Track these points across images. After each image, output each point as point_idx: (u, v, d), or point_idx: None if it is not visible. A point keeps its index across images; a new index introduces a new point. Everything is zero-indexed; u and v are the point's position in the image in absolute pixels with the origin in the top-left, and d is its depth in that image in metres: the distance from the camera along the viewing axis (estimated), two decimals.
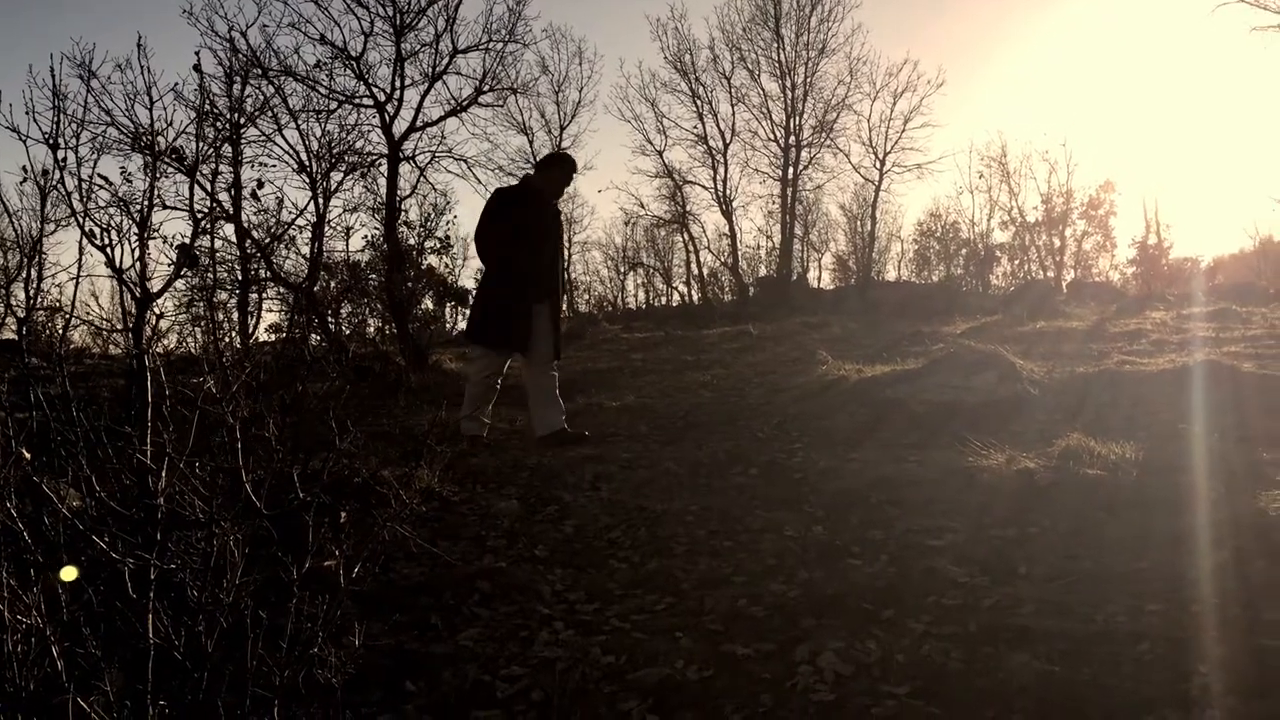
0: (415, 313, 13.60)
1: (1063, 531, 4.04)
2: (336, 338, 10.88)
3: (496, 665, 3.18)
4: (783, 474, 5.54)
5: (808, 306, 26.74)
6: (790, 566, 3.97)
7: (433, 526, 4.61)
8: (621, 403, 8.83)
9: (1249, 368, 7.15)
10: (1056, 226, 29.65)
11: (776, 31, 31.37)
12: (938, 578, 3.69)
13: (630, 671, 3.10)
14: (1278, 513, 3.78)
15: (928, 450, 5.66)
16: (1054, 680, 2.75)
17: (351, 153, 13.72)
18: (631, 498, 5.11)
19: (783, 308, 25.94)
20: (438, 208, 14.60)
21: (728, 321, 21.45)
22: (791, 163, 32.00)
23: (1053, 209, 29.34)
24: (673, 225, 33.86)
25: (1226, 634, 2.99)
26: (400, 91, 15.14)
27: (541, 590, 3.86)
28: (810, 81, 31.57)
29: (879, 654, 3.08)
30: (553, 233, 7.09)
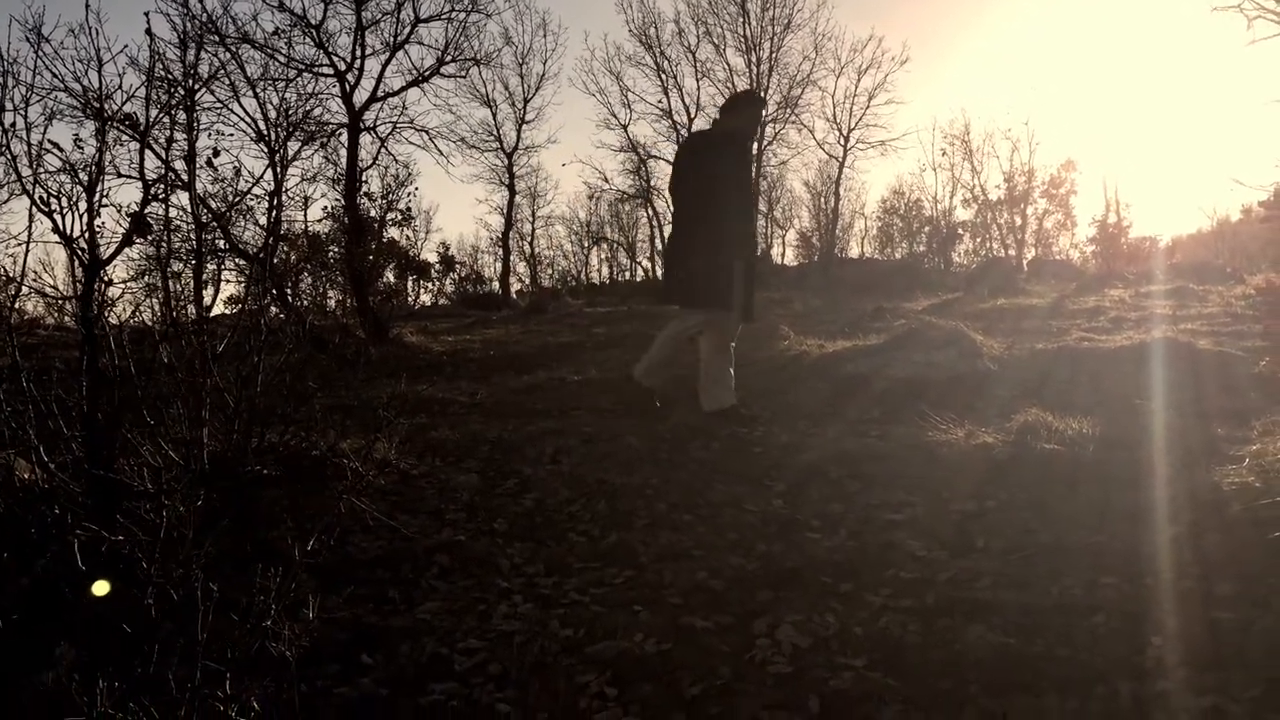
0: (377, 285, 13.48)
1: (1020, 506, 4.07)
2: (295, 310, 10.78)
3: (454, 638, 3.16)
4: (743, 449, 5.54)
5: (771, 283, 26.80)
6: (750, 540, 3.98)
7: (391, 500, 4.57)
8: (583, 377, 8.81)
9: (1205, 345, 7.24)
10: (1018, 205, 29.90)
11: (742, 6, 31.31)
12: (896, 551, 3.71)
13: (589, 644, 3.09)
14: (1232, 487, 3.82)
15: (889, 425, 5.68)
16: (1009, 652, 2.78)
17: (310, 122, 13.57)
18: (592, 472, 5.10)
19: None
20: (399, 179, 14.46)
21: None
22: (757, 138, 31.96)
23: (1014, 187, 29.58)
24: (637, 200, 33.80)
25: (1180, 607, 3.03)
26: (361, 61, 14.99)
27: (500, 564, 3.84)
28: (775, 57, 31.58)
29: (837, 627, 3.09)
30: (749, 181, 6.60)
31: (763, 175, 32.91)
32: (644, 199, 33.32)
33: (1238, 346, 7.12)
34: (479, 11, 17.55)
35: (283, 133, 12.59)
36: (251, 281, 9.61)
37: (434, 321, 17.27)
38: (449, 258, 31.39)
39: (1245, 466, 3.97)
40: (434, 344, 12.23)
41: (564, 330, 14.33)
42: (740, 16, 31.37)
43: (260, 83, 13.59)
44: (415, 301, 24.42)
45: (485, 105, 30.72)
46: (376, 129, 15.18)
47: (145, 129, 3.49)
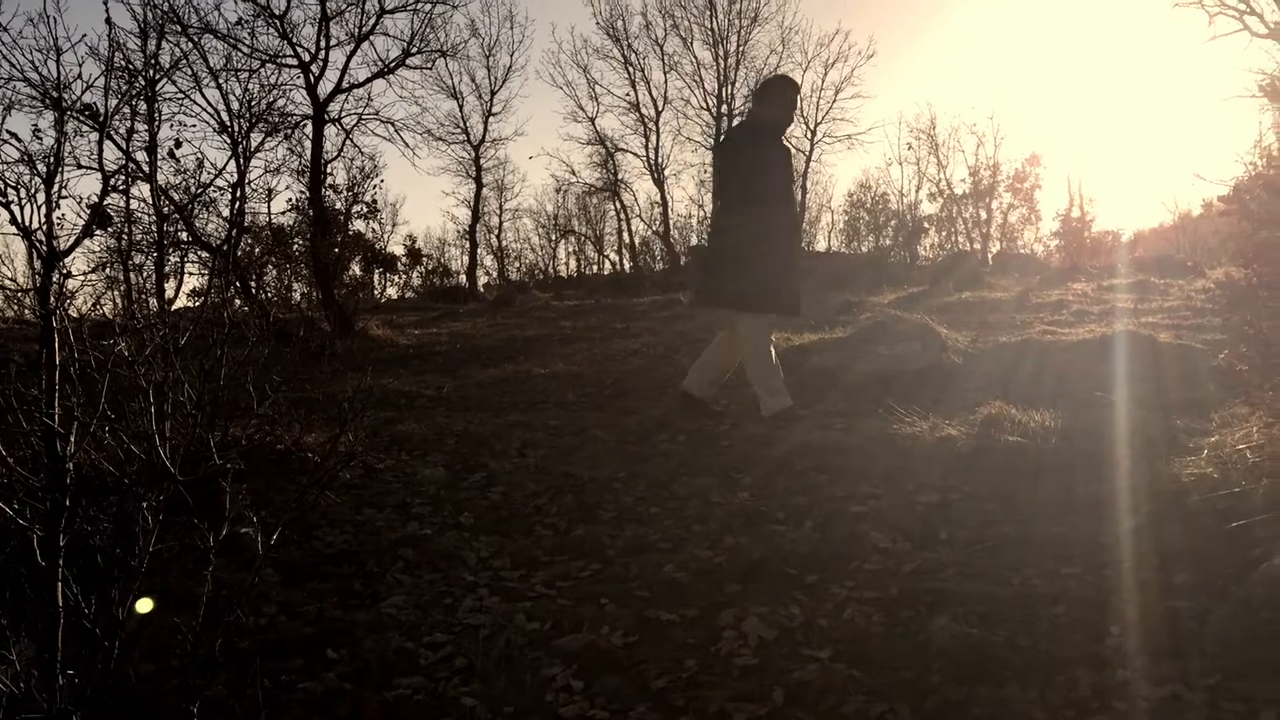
0: (342, 278, 13.40)
1: (984, 497, 4.11)
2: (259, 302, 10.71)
3: (420, 632, 3.16)
4: (710, 441, 5.55)
5: None
6: (716, 533, 3.99)
7: (357, 494, 4.55)
8: (550, 370, 8.80)
9: (1166, 338, 7.32)
10: (983, 199, 30.07)
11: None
12: (861, 543, 3.73)
13: (555, 637, 3.10)
14: (1191, 478, 3.87)
15: (854, 418, 5.71)
16: (971, 642, 2.80)
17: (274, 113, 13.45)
18: (559, 465, 5.10)
19: None
20: (365, 171, 14.35)
21: (659, 290, 21.45)
22: (724, 131, 31.98)
23: (980, 181, 29.74)
24: (604, 193, 33.74)
25: (1139, 596, 3.07)
26: (325, 52, 14.86)
27: (466, 557, 3.83)
28: (743, 50, 31.55)
29: (802, 618, 3.11)
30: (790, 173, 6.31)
31: None
32: (612, 192, 33.28)
33: (1198, 339, 7.20)
34: (445, 3, 17.47)
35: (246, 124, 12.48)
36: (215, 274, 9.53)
37: (400, 314, 17.18)
38: (415, 250, 31.17)
39: (1204, 458, 4.02)
40: (400, 337, 12.17)
41: (531, 324, 14.29)
42: (707, 10, 31.34)
43: (223, 73, 13.46)
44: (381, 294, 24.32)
45: (452, 97, 30.56)
46: (341, 121, 15.07)
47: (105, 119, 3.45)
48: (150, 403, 2.45)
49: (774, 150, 6.06)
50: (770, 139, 6.06)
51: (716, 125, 31.74)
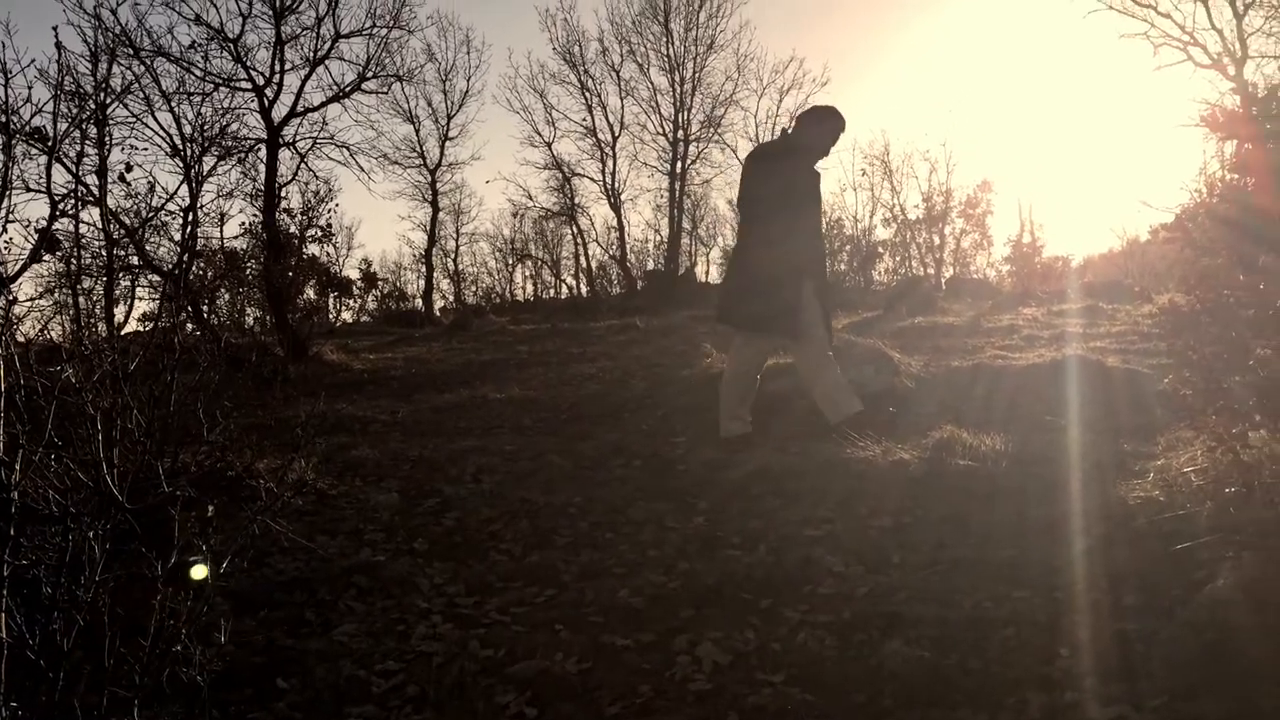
0: (297, 302, 13.29)
1: (935, 521, 4.14)
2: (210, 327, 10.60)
3: (372, 660, 3.14)
4: (666, 466, 5.56)
5: (695, 300, 26.88)
6: (671, 558, 3.99)
7: (309, 520, 4.51)
8: (506, 395, 8.77)
9: (1114, 362, 7.42)
10: (936, 224, 30.44)
11: (665, 26, 31.47)
12: (815, 567, 3.75)
13: (509, 664, 3.09)
14: (1138, 502, 3.93)
15: (808, 442, 5.73)
16: (923, 665, 2.82)
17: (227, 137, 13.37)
18: (514, 490, 5.08)
19: (671, 301, 26.06)
20: (320, 195, 14.26)
21: (615, 314, 21.47)
22: (680, 157, 32.15)
23: (933, 207, 30.11)
24: (561, 217, 33.77)
25: (1089, 618, 3.10)
26: (280, 75, 14.82)
27: (420, 584, 3.81)
28: (698, 76, 31.76)
29: (756, 643, 3.12)
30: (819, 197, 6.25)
31: (687, 194, 33.13)
32: (569, 216, 33.32)
33: (1145, 364, 7.32)
34: (401, 28, 17.53)
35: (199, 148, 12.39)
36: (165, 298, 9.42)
37: (355, 339, 17.06)
38: (371, 274, 30.99)
39: (1150, 481, 4.09)
40: (355, 361, 12.09)
41: (487, 348, 14.25)
42: (664, 36, 31.56)
43: (176, 97, 13.37)
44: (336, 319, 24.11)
45: (408, 121, 30.50)
46: (296, 144, 15.01)
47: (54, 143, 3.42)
48: (98, 430, 2.42)
49: (804, 173, 6.04)
50: (803, 161, 6.04)
51: (673, 151, 31.93)
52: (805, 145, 6.06)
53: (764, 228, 5.99)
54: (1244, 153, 3.64)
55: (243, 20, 14.71)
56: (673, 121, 31.93)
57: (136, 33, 13.62)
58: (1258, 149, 3.56)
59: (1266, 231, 3.40)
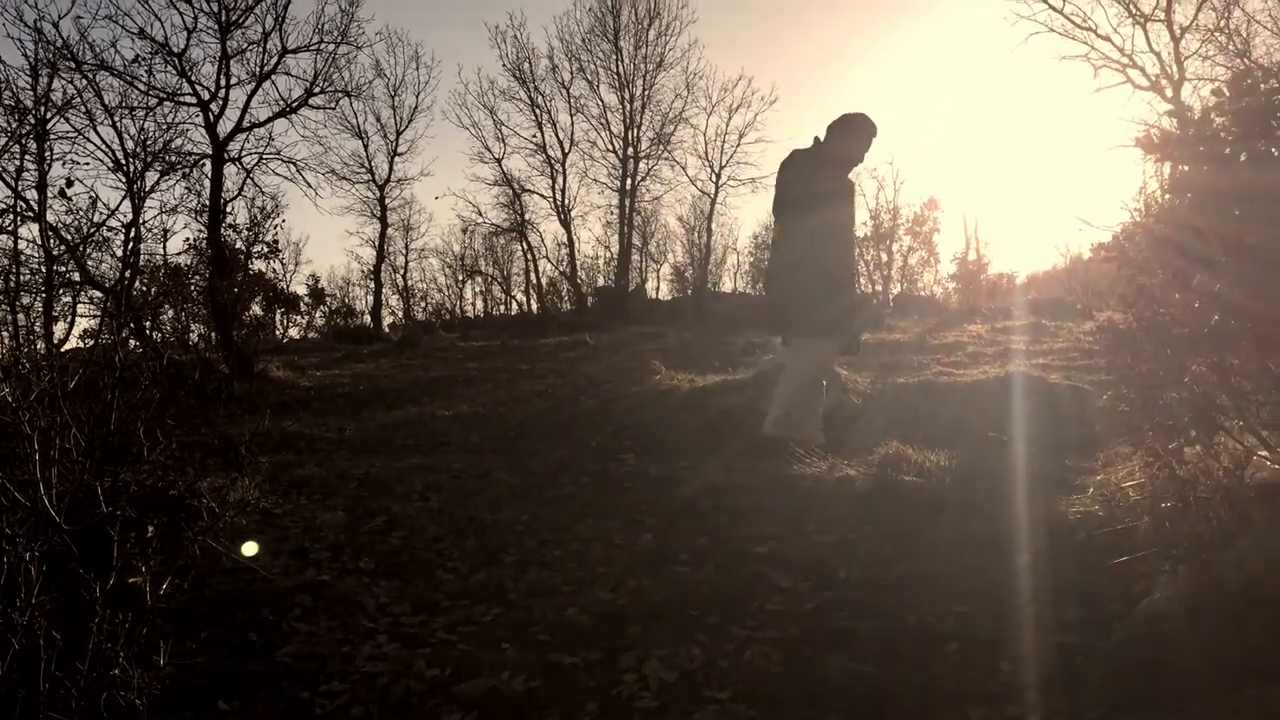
0: (243, 319, 13.15)
1: (881, 537, 4.18)
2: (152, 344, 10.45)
3: (316, 681, 3.10)
4: (614, 483, 5.57)
5: (645, 317, 27.02)
6: (619, 575, 3.99)
7: (253, 540, 4.46)
8: (454, 412, 8.74)
9: (1055, 379, 7.56)
10: (884, 242, 30.81)
11: (615, 44, 31.67)
12: (762, 584, 3.77)
13: (455, 684, 3.06)
14: (1078, 516, 4.00)
15: (756, 459, 5.76)
16: (868, 680, 2.85)
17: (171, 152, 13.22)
18: (461, 508, 5.06)
19: (620, 318, 26.14)
20: (266, 211, 14.12)
21: (565, 331, 21.49)
22: (630, 174, 32.31)
23: (880, 225, 30.49)
24: (511, 233, 33.74)
25: (1030, 632, 3.15)
26: (226, 90, 14.71)
27: (366, 603, 3.78)
28: (648, 94, 31.97)
29: (703, 660, 3.13)
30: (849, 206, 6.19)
31: (638, 211, 33.24)
32: (519, 233, 33.29)
33: (1086, 380, 7.46)
34: (349, 44, 17.48)
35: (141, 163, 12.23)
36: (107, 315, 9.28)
37: (302, 355, 16.90)
38: (319, 290, 30.83)
39: (1090, 496, 4.16)
40: (301, 379, 11.98)
41: (436, 364, 14.19)
42: (614, 54, 31.73)
43: (118, 111, 13.19)
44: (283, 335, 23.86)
45: (356, 137, 30.42)
46: (242, 160, 14.87)
47: None
48: (35, 449, 2.38)
49: (833, 181, 6.00)
50: (833, 170, 6.01)
51: (623, 167, 32.06)
52: (835, 154, 6.03)
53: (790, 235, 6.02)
54: (1179, 174, 3.72)
55: (188, 34, 14.59)
56: (622, 138, 32.11)
57: (79, 46, 13.44)
58: (1193, 170, 3.64)
59: (1200, 251, 3.47)
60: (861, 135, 6.05)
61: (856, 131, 6.05)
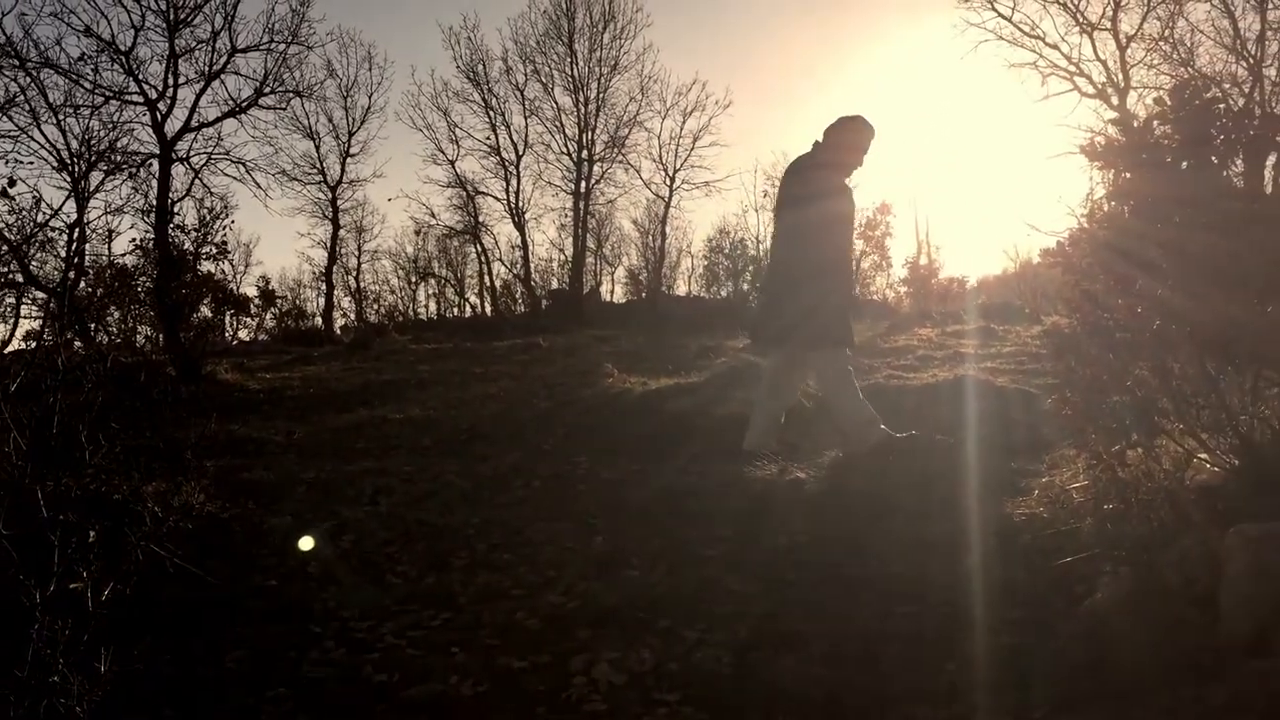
0: (191, 321, 12.97)
1: (830, 539, 4.21)
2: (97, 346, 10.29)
3: (262, 688, 3.07)
4: (566, 486, 5.56)
5: (599, 320, 27.01)
6: (569, 578, 3.99)
7: (198, 545, 4.40)
8: (406, 415, 8.67)
9: (1003, 382, 7.64)
10: None
11: (570, 46, 31.63)
12: (713, 587, 3.79)
13: (403, 689, 3.05)
14: (1022, 518, 4.06)
15: (708, 462, 5.78)
16: (816, 681, 2.87)
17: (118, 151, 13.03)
18: (411, 512, 5.03)
19: (574, 321, 26.11)
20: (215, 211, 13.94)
21: (519, 333, 21.41)
22: (584, 176, 32.27)
23: None
24: (465, 236, 33.60)
25: (975, 633, 3.19)
26: (174, 89, 14.58)
27: (313, 608, 3.74)
28: (603, 97, 31.96)
29: (653, 663, 3.13)
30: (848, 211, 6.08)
31: (592, 214, 33.21)
32: (472, 235, 33.16)
33: (1033, 383, 7.54)
34: (299, 44, 17.37)
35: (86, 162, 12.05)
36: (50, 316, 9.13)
37: (252, 358, 16.70)
38: (269, 292, 30.43)
39: (1035, 498, 4.22)
40: (250, 381, 11.84)
41: (388, 367, 14.08)
42: (568, 57, 31.69)
43: (63, 109, 12.99)
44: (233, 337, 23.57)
45: (308, 137, 30.11)
46: (190, 160, 14.71)
47: None
48: None
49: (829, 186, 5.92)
50: (830, 175, 5.93)
51: (577, 170, 32.02)
52: (829, 157, 5.96)
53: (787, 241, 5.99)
54: (1122, 181, 3.78)
55: (135, 33, 14.44)
56: (577, 141, 32.07)
57: (22, 43, 13.24)
58: (1135, 177, 3.70)
59: (1143, 257, 3.54)
60: (857, 137, 6.01)
61: (852, 134, 6.01)
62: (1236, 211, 3.33)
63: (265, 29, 17.04)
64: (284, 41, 16.73)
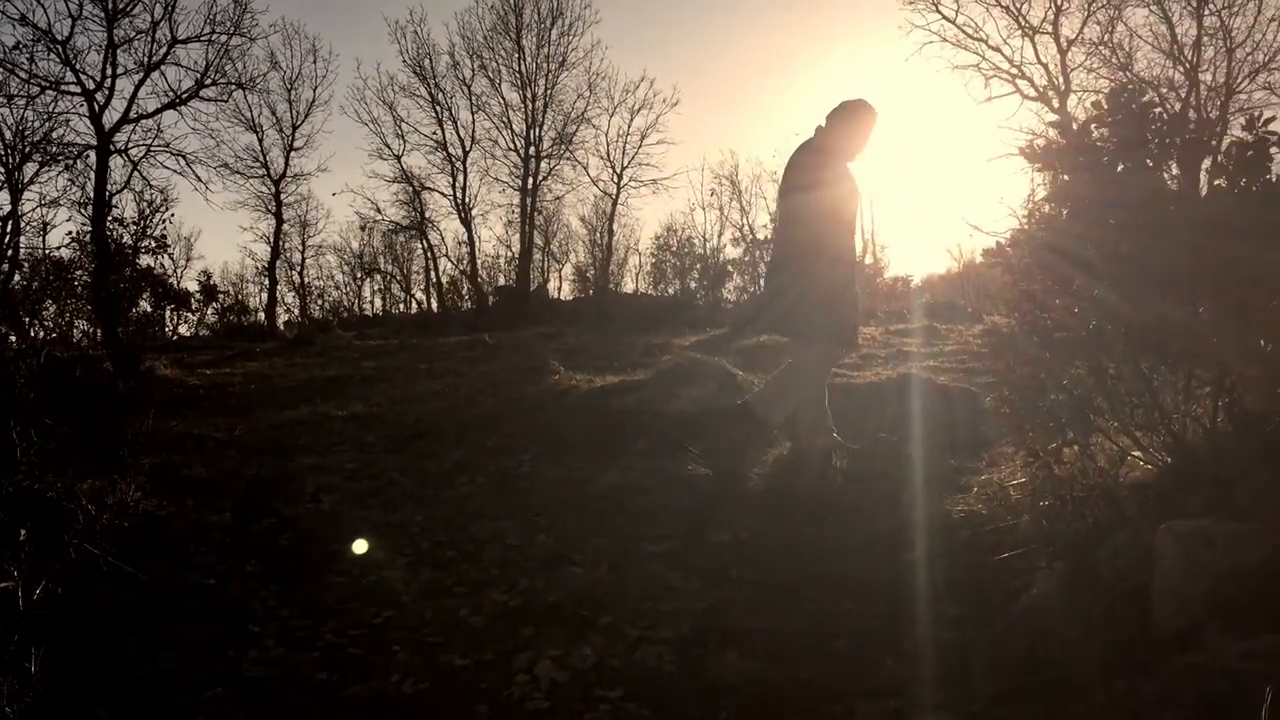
0: (130, 315, 12.75)
1: (772, 536, 4.24)
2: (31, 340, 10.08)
3: (199, 687, 3.03)
4: (510, 483, 5.54)
5: (546, 317, 26.92)
6: (513, 576, 3.98)
7: (135, 543, 4.32)
8: (349, 412, 8.58)
9: (945, 381, 7.73)
10: None
11: (517, 42, 31.44)
12: (655, 583, 3.80)
13: (343, 688, 3.03)
14: (963, 515, 4.11)
15: (652, 459, 5.79)
16: (757, 677, 2.90)
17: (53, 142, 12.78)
18: (354, 509, 4.98)
19: (521, 318, 26.01)
20: (154, 205, 13.72)
21: (465, 330, 21.30)
22: (531, 173, 32.10)
23: None
24: (411, 231, 33.31)
25: (914, 628, 3.23)
26: (112, 80, 14.35)
27: (252, 607, 3.70)
28: (550, 93, 31.80)
29: (595, 660, 3.14)
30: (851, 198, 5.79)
31: (539, 210, 33.10)
32: (418, 231, 32.89)
33: (974, 382, 7.63)
34: (242, 35, 17.14)
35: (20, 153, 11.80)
36: None
37: (192, 353, 16.42)
38: (211, 287, 29.96)
39: (974, 495, 4.28)
40: (190, 377, 11.64)
41: (332, 363, 13.92)
42: (516, 53, 31.50)
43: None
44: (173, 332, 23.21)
45: (251, 130, 29.52)
46: (129, 152, 14.45)
47: None
48: None
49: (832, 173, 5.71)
50: (832, 161, 5.73)
51: (525, 167, 31.88)
52: (830, 143, 5.76)
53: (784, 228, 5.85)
54: (1061, 183, 3.84)
55: (72, 22, 14.18)
56: (524, 137, 31.89)
57: None
58: (1073, 179, 3.76)
59: (1080, 258, 3.59)
60: (859, 122, 5.79)
61: (854, 118, 5.78)
62: (1171, 214, 3.40)
63: (207, 20, 16.88)
64: (226, 33, 16.55)
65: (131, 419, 7.46)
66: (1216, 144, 3.55)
